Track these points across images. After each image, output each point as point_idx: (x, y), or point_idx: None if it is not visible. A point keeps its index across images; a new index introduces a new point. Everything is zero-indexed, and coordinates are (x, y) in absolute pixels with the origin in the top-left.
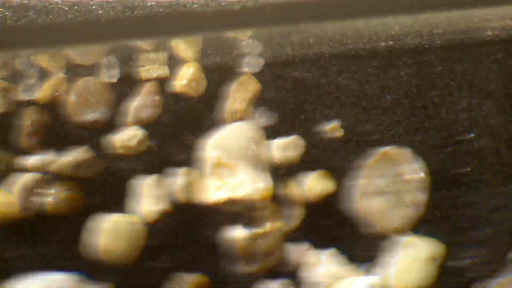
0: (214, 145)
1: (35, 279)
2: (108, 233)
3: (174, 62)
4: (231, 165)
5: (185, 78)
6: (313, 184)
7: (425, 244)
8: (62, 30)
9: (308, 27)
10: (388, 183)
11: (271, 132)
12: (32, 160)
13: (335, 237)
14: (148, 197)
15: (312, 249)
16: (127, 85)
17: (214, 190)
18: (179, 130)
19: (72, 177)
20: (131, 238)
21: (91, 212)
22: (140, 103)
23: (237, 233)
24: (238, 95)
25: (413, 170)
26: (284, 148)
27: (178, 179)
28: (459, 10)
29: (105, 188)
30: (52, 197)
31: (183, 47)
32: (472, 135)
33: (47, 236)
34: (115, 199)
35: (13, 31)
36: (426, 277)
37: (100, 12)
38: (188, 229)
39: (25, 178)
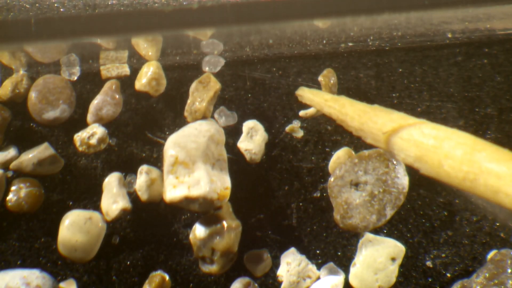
0: (173, 144)
1: None
2: (68, 229)
3: (134, 61)
4: (188, 164)
5: (146, 77)
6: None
7: (386, 245)
8: (23, 28)
9: (267, 27)
10: (371, 180)
11: (231, 132)
12: None
13: (295, 236)
14: (108, 195)
15: (272, 249)
16: (87, 83)
17: (170, 189)
18: (139, 129)
19: (33, 174)
20: (91, 235)
21: (51, 209)
22: (101, 101)
23: (195, 232)
24: (197, 94)
25: (399, 174)
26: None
27: (138, 177)
28: (418, 12)
29: (65, 185)
30: (12, 194)
31: (143, 46)
32: None
33: (7, 233)
34: (75, 196)
35: None
36: (386, 277)
37: (61, 10)
38: (147, 227)
39: None
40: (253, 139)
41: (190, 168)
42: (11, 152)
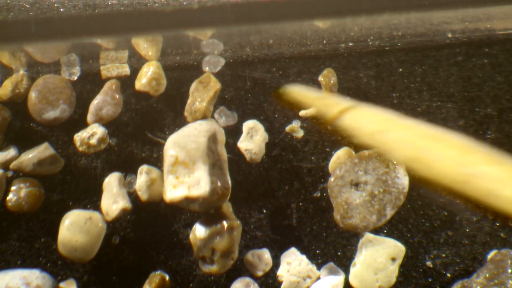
0: (173, 144)
1: None
2: (68, 229)
3: (134, 61)
4: (188, 164)
5: (146, 77)
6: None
7: (386, 245)
8: (23, 28)
9: (267, 27)
10: (371, 180)
11: (231, 132)
12: None
13: (295, 236)
14: (108, 195)
15: (272, 249)
16: (87, 83)
17: (170, 189)
18: (139, 129)
19: (33, 174)
20: (91, 235)
21: (51, 209)
22: (101, 101)
23: (195, 232)
24: (198, 94)
25: (399, 174)
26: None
27: (138, 177)
28: (418, 12)
29: (65, 185)
30: (12, 194)
31: (143, 46)
32: None
33: (7, 233)
34: (75, 196)
35: None
36: (386, 277)
37: (61, 10)
38: (147, 227)
39: None
40: (253, 139)
41: (190, 168)
42: (11, 152)
